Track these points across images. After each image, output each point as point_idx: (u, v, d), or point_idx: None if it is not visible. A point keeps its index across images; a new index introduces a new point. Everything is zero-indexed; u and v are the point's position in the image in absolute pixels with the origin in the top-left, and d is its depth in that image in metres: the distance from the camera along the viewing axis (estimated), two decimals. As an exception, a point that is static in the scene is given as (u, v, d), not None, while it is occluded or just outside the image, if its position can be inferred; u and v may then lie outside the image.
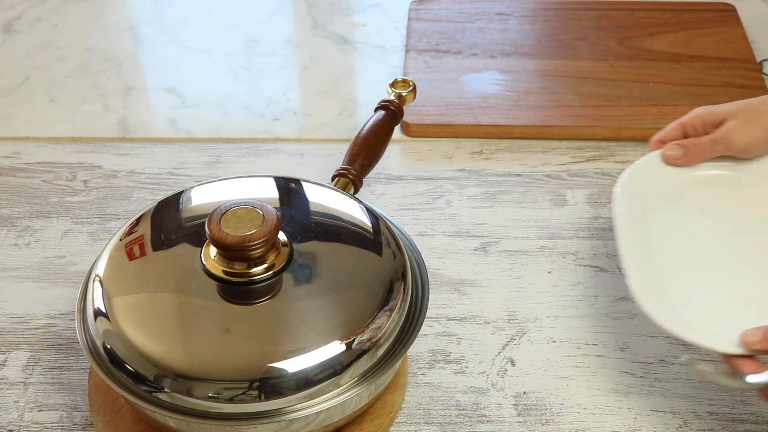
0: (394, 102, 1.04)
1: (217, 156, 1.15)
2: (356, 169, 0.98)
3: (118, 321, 0.80)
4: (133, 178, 1.13)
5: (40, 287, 1.00)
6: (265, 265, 0.81)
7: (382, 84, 1.12)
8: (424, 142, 1.17)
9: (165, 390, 0.77)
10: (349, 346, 0.79)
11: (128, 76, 1.29)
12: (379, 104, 1.04)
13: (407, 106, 1.07)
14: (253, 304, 0.82)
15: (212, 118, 1.22)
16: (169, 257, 0.85)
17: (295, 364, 0.77)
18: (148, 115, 1.23)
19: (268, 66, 1.30)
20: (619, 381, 0.91)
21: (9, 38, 1.35)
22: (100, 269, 0.84)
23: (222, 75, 1.28)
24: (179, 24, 1.38)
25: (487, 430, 0.87)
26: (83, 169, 1.14)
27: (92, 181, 1.12)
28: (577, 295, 0.99)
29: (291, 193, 0.90)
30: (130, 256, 0.85)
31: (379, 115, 1.03)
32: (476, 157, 1.14)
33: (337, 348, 0.78)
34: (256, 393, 0.76)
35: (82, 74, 1.29)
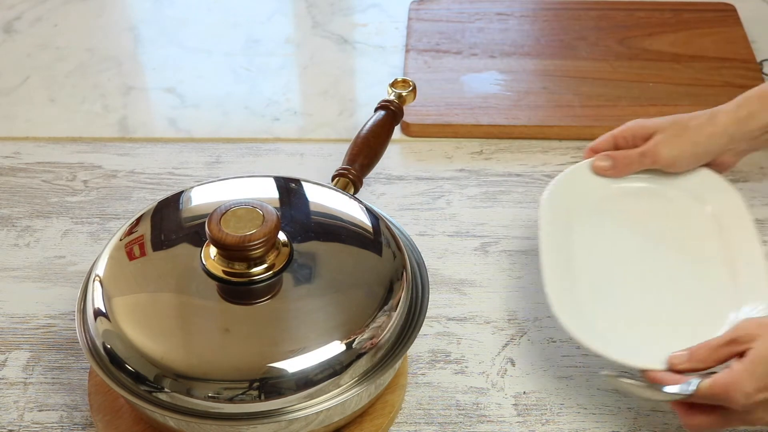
0: (394, 102, 1.04)
1: (217, 156, 1.15)
2: (356, 169, 0.98)
3: (118, 321, 0.80)
4: (133, 178, 1.13)
5: (40, 287, 1.00)
6: (265, 265, 0.81)
7: (382, 84, 1.12)
8: (424, 142, 1.17)
9: (165, 390, 0.77)
10: (349, 346, 0.79)
11: (128, 76, 1.28)
12: (379, 104, 1.04)
13: (407, 106, 1.07)
14: (253, 304, 0.82)
15: (212, 118, 1.21)
16: (169, 257, 0.85)
17: (295, 364, 0.77)
18: (148, 115, 1.23)
19: (268, 66, 1.30)
20: (619, 381, 0.91)
21: (9, 38, 1.35)
22: (100, 269, 0.84)
23: (222, 75, 1.28)
24: (179, 24, 1.38)
25: (487, 430, 0.87)
26: (83, 169, 1.14)
27: (92, 181, 1.12)
28: (577, 295, 0.99)
29: (291, 193, 0.90)
30: (130, 256, 0.85)
31: (379, 115, 1.03)
32: (476, 157, 1.14)
33: (337, 348, 0.78)
34: (256, 393, 0.76)
35: (82, 74, 1.28)
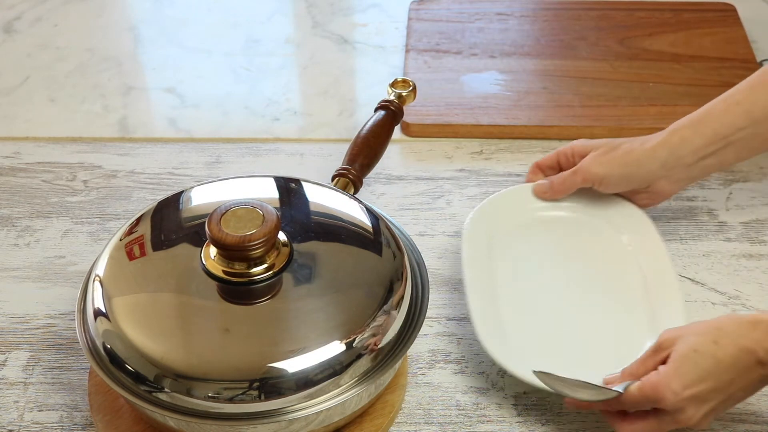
0: (394, 102, 1.04)
1: (217, 156, 1.15)
2: (356, 169, 0.98)
3: (118, 321, 0.80)
4: (133, 178, 1.13)
5: (40, 287, 1.00)
6: (265, 265, 0.81)
7: (382, 84, 1.12)
8: (424, 142, 1.17)
9: (165, 390, 0.77)
10: (349, 346, 0.79)
11: (128, 76, 1.28)
12: (379, 104, 1.04)
13: (407, 106, 1.07)
14: (253, 304, 0.82)
15: (212, 118, 1.21)
16: (169, 257, 0.85)
17: (295, 364, 0.77)
18: (148, 115, 1.23)
19: (268, 66, 1.30)
20: (619, 381, 0.91)
21: (9, 38, 1.35)
22: (100, 269, 0.84)
23: (222, 75, 1.28)
24: (179, 24, 1.38)
25: (487, 430, 0.87)
26: (83, 169, 1.14)
27: (92, 181, 1.12)
28: (577, 295, 0.99)
29: (291, 193, 0.90)
30: (130, 256, 0.85)
31: (379, 115, 1.03)
32: (476, 157, 1.14)
33: (337, 348, 0.78)
34: (256, 393, 0.76)
35: (82, 74, 1.28)
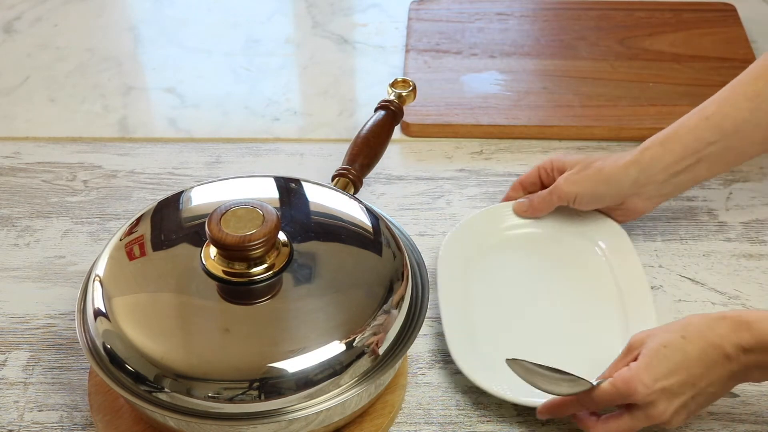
0: (394, 102, 1.04)
1: (217, 156, 1.15)
2: (356, 169, 0.97)
3: (118, 321, 0.80)
4: (133, 178, 1.13)
5: (40, 287, 1.00)
6: (265, 265, 0.81)
7: (382, 84, 1.12)
8: (424, 142, 1.16)
9: (165, 390, 0.77)
10: (349, 346, 0.79)
11: (128, 76, 1.28)
12: (379, 104, 1.04)
13: (407, 106, 1.07)
14: (253, 304, 0.82)
15: (212, 118, 1.21)
16: (169, 257, 0.85)
17: (295, 364, 0.77)
18: (148, 115, 1.23)
19: (268, 66, 1.30)
20: (619, 381, 0.91)
21: (9, 38, 1.35)
22: (100, 269, 0.84)
23: (222, 75, 1.28)
24: (179, 24, 1.38)
25: (487, 430, 0.87)
26: (83, 169, 1.14)
27: (92, 181, 1.12)
28: (577, 295, 0.99)
29: (291, 193, 0.90)
30: (130, 256, 0.85)
31: (379, 115, 1.03)
32: (476, 157, 1.14)
33: (337, 348, 0.78)
34: (256, 393, 0.76)
35: (82, 74, 1.28)
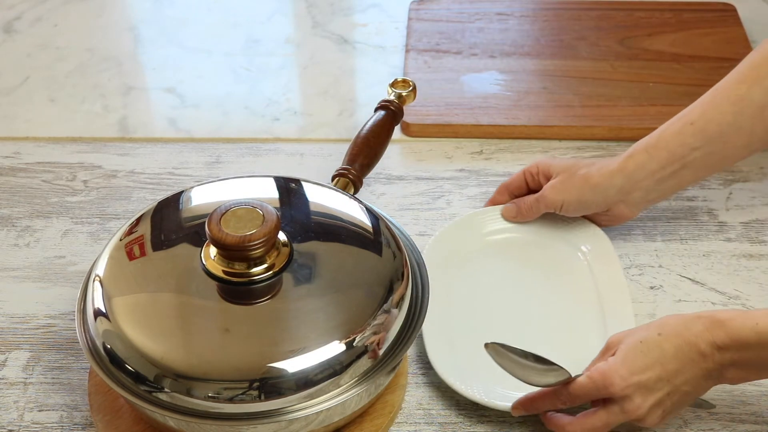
0: (394, 102, 1.04)
1: (217, 156, 1.15)
2: (356, 169, 0.98)
3: (118, 321, 0.80)
4: (133, 178, 1.13)
5: (40, 287, 1.00)
6: (265, 265, 0.81)
7: (382, 84, 1.12)
8: (424, 142, 1.16)
9: (165, 390, 0.77)
10: (349, 346, 0.78)
11: (128, 76, 1.28)
12: (379, 104, 1.04)
13: (407, 106, 1.07)
14: (253, 304, 0.82)
15: (212, 118, 1.21)
16: (169, 257, 0.85)
17: (295, 364, 0.77)
18: (148, 115, 1.23)
19: (268, 66, 1.30)
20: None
21: (9, 38, 1.35)
22: (100, 269, 0.84)
23: (222, 75, 1.28)
24: (179, 24, 1.38)
25: (487, 430, 0.87)
26: (83, 169, 1.14)
27: (92, 181, 1.12)
28: (577, 295, 0.99)
29: (291, 193, 0.90)
30: (130, 256, 0.85)
31: (379, 115, 1.03)
32: (476, 157, 1.14)
33: (337, 348, 0.78)
34: (256, 393, 0.76)
35: (82, 74, 1.28)
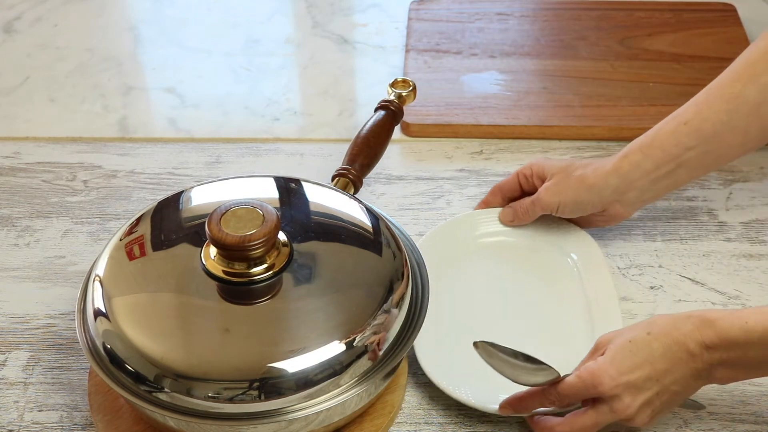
0: (394, 102, 1.04)
1: (217, 156, 1.15)
2: (356, 169, 0.98)
3: (118, 321, 0.80)
4: (133, 178, 1.13)
5: (40, 287, 1.00)
6: (265, 265, 0.81)
7: (382, 84, 1.12)
8: (424, 142, 1.16)
9: (165, 390, 0.77)
10: (349, 346, 0.79)
11: (128, 76, 1.28)
12: (379, 104, 1.04)
13: (407, 106, 1.07)
14: (253, 304, 0.82)
15: (212, 118, 1.21)
16: (169, 257, 0.85)
17: (295, 364, 0.77)
18: (148, 115, 1.23)
19: (268, 66, 1.30)
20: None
21: (9, 38, 1.35)
22: (100, 269, 0.84)
23: (222, 75, 1.28)
24: (179, 24, 1.38)
25: (487, 430, 0.87)
26: (83, 169, 1.14)
27: (92, 181, 1.12)
28: (577, 295, 0.99)
29: (291, 193, 0.90)
30: (130, 256, 0.85)
31: (379, 115, 1.03)
32: (476, 157, 1.14)
33: (337, 348, 0.78)
34: (256, 393, 0.76)
35: (82, 74, 1.28)
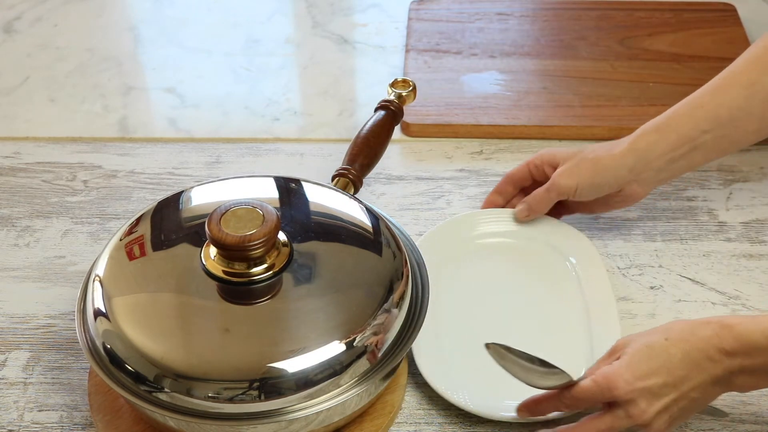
0: (394, 102, 1.04)
1: (217, 156, 1.15)
2: (356, 169, 0.98)
3: (118, 321, 0.80)
4: (133, 178, 1.13)
5: (40, 287, 1.00)
6: (265, 265, 0.81)
7: (382, 84, 1.12)
8: (424, 142, 1.16)
9: (165, 390, 0.77)
10: (349, 346, 0.79)
11: (128, 76, 1.28)
12: (379, 104, 1.04)
13: (407, 106, 1.07)
14: (253, 304, 0.82)
15: (212, 118, 1.21)
16: (169, 257, 0.85)
17: (295, 364, 0.77)
18: (148, 115, 1.23)
19: (268, 66, 1.30)
20: (619, 381, 0.91)
21: (9, 38, 1.35)
22: (100, 269, 0.84)
23: (222, 75, 1.28)
24: (179, 24, 1.38)
25: (487, 431, 0.87)
26: (83, 169, 1.14)
27: (92, 181, 1.12)
28: (577, 295, 0.99)
29: (291, 193, 0.90)
30: (130, 256, 0.85)
31: (379, 115, 1.03)
32: (476, 157, 1.14)
33: (337, 348, 0.78)
34: (256, 393, 0.76)
35: (82, 74, 1.28)
